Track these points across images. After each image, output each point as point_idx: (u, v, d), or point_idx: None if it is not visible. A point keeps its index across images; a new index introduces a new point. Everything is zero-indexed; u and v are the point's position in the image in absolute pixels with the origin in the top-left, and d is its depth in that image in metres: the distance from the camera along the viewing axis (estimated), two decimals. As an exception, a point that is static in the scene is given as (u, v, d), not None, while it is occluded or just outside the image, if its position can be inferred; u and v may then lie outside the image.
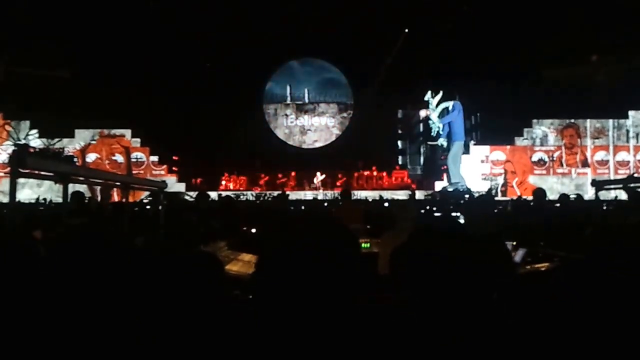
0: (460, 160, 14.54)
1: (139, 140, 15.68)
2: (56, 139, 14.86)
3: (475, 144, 16.21)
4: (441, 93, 14.74)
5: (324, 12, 15.06)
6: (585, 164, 15.83)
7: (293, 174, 16.26)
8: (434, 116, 14.72)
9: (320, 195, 14.12)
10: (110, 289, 1.32)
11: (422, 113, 16.50)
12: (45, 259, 1.38)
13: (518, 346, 1.18)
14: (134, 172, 15.08)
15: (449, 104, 14.60)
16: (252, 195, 13.79)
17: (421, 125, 17.96)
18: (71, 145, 15.16)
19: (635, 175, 14.82)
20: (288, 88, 19.08)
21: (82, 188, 5.71)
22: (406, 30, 15.80)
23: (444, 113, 14.43)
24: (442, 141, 15.22)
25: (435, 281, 1.35)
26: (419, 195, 13.64)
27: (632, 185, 4.58)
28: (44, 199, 9.97)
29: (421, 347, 1.16)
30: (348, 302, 1.13)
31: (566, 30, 13.65)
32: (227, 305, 1.31)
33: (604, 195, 9.16)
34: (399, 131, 19.09)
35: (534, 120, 16.06)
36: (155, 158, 15.63)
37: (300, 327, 1.06)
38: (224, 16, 14.85)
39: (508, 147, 15.88)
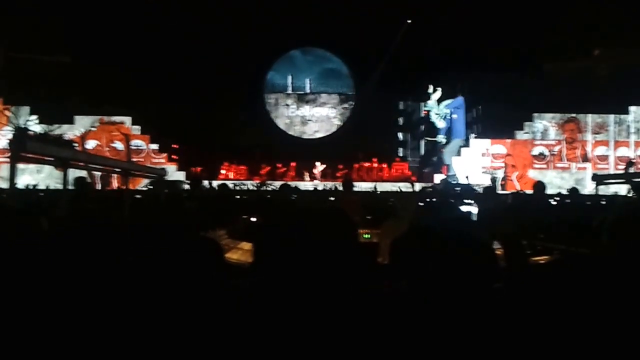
0: (454, 155, 14.59)
1: (139, 127, 15.63)
2: (56, 125, 14.80)
3: (475, 137, 16.20)
4: (440, 90, 14.73)
5: (326, 1, 14.97)
6: (585, 158, 15.83)
7: (293, 164, 16.24)
8: (435, 112, 14.73)
9: (320, 186, 14.11)
10: (113, 272, 1.31)
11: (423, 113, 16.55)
12: (49, 240, 1.38)
13: (517, 337, 1.18)
14: (133, 159, 15.05)
15: (451, 101, 14.63)
16: (252, 185, 13.77)
17: (422, 119, 17.97)
18: (71, 132, 15.12)
19: (633, 160, 14.82)
20: (289, 78, 18.99)
21: (82, 174, 5.70)
22: (409, 21, 15.72)
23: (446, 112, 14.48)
24: (441, 138, 15.23)
25: (437, 271, 1.35)
26: (418, 187, 13.65)
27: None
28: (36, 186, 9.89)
29: (420, 336, 1.16)
30: (346, 290, 1.12)
31: (568, 24, 13.59)
32: (228, 292, 1.30)
33: (603, 190, 9.17)
34: (400, 123, 19.06)
35: (535, 114, 16.03)
36: (155, 146, 15.60)
37: (298, 315, 1.06)
38: (226, 4, 14.76)
39: (509, 140, 15.86)
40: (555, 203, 7.28)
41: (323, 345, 1.05)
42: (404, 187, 12.61)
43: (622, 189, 9.11)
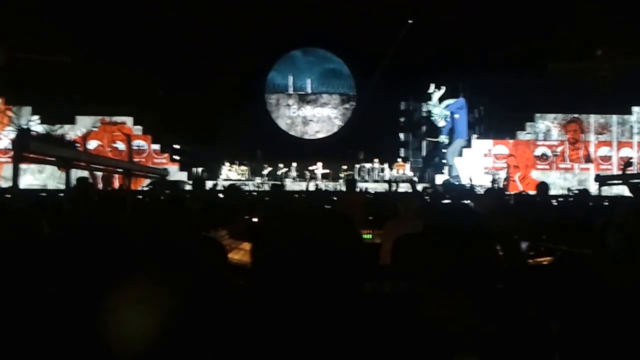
0: (456, 155, 14.57)
1: (140, 128, 15.64)
2: (57, 126, 14.83)
3: (478, 138, 16.18)
4: (443, 89, 14.67)
5: (327, 2, 14.97)
6: (588, 159, 15.79)
7: (294, 164, 16.23)
8: (436, 111, 14.69)
9: (322, 186, 14.10)
10: (115, 271, 1.31)
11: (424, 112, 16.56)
12: (49, 241, 1.38)
13: (519, 338, 1.18)
14: (135, 160, 15.07)
15: (453, 101, 14.61)
16: (253, 185, 13.80)
17: (423, 119, 17.95)
18: (72, 132, 15.14)
19: (632, 160, 14.78)
20: (290, 78, 19.00)
21: (84, 175, 5.70)
22: (410, 22, 15.70)
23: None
24: (443, 138, 15.20)
25: (439, 271, 1.35)
26: (419, 188, 13.64)
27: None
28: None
29: (420, 336, 1.16)
30: (349, 293, 1.12)
31: (571, 24, 13.56)
32: (230, 291, 1.30)
33: (606, 191, 9.16)
34: (401, 123, 19.04)
35: (537, 115, 16.00)
36: (156, 146, 15.61)
37: (300, 318, 1.05)
38: (226, 4, 14.77)
39: (511, 141, 15.84)
40: (556, 204, 7.27)
41: (323, 345, 1.04)
42: (405, 186, 12.63)
43: (626, 190, 9.10)
